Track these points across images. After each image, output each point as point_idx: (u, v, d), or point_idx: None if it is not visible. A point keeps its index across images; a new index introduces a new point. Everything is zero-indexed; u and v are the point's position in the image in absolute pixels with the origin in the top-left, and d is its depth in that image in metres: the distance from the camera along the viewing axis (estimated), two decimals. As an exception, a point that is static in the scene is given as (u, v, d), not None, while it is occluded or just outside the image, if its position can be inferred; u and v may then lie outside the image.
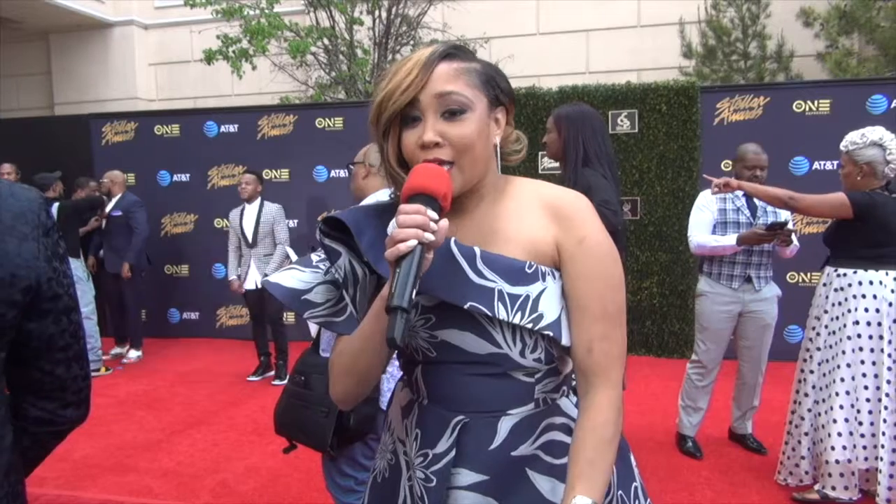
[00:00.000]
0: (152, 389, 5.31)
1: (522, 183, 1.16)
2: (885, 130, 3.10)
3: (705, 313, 3.65)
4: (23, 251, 0.99)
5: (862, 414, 2.94)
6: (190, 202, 7.02)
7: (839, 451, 2.97)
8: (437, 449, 1.10)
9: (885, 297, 2.96)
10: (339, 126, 6.61)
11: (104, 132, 7.18)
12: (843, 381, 2.99)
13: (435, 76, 1.04)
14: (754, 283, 3.57)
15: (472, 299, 1.05)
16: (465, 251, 1.08)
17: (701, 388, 3.72)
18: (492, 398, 1.10)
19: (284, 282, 1.15)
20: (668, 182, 5.81)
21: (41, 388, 1.06)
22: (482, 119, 1.06)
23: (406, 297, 0.89)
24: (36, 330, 1.02)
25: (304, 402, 2.14)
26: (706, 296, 3.65)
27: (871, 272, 3.00)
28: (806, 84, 6.19)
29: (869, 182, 3.10)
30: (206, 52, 7.75)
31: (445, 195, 0.97)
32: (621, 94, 5.87)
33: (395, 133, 1.08)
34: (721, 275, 3.60)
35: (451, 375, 1.11)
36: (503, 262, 1.07)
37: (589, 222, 1.09)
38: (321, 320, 1.15)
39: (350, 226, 1.10)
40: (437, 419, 1.11)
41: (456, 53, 1.08)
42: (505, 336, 1.08)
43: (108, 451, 3.99)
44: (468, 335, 1.09)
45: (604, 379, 1.06)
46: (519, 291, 1.06)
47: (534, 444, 1.11)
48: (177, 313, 7.18)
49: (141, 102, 10.33)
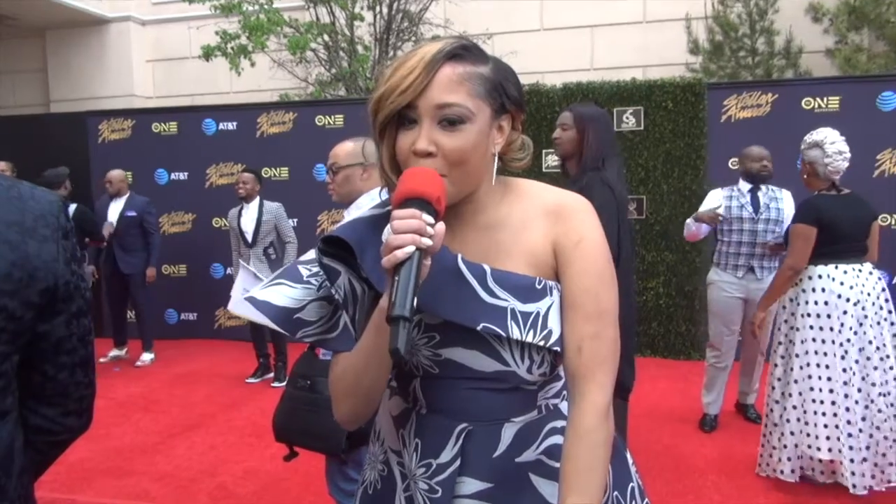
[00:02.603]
0: (149, 391, 5.31)
1: (523, 187, 1.14)
2: (832, 132, 3.29)
3: (714, 299, 4.17)
4: (43, 253, 0.99)
5: (816, 404, 3.17)
6: (188, 201, 7.02)
7: (790, 441, 3.26)
8: (441, 458, 1.09)
9: (832, 290, 3.18)
10: (340, 123, 6.61)
11: (101, 130, 7.18)
12: (793, 371, 3.25)
13: (437, 81, 1.00)
14: (756, 272, 4.04)
15: (484, 320, 1.04)
16: (474, 269, 1.06)
17: (719, 370, 4.16)
18: (496, 408, 1.10)
19: (273, 299, 1.12)
20: (675, 180, 5.80)
21: (42, 392, 1.06)
22: (482, 130, 1.02)
23: (407, 305, 0.88)
24: (45, 331, 1.02)
25: (312, 407, 2.13)
26: (715, 284, 4.16)
27: (820, 267, 3.24)
28: (815, 81, 6.18)
29: (813, 182, 3.33)
30: (205, 48, 7.75)
31: (440, 199, 0.95)
32: (627, 90, 5.86)
33: (393, 133, 1.04)
34: (727, 264, 4.11)
35: (454, 390, 1.10)
36: (514, 279, 1.06)
37: (587, 223, 1.09)
38: (314, 339, 1.13)
39: (353, 245, 1.07)
40: (440, 428, 1.10)
41: (463, 54, 1.02)
42: (513, 354, 1.07)
43: (104, 454, 3.99)
44: (475, 354, 1.07)
45: (591, 382, 1.04)
46: (530, 309, 1.05)
47: (537, 449, 1.11)
48: (174, 314, 7.18)
49: (138, 100, 10.32)
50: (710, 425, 4.17)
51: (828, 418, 3.13)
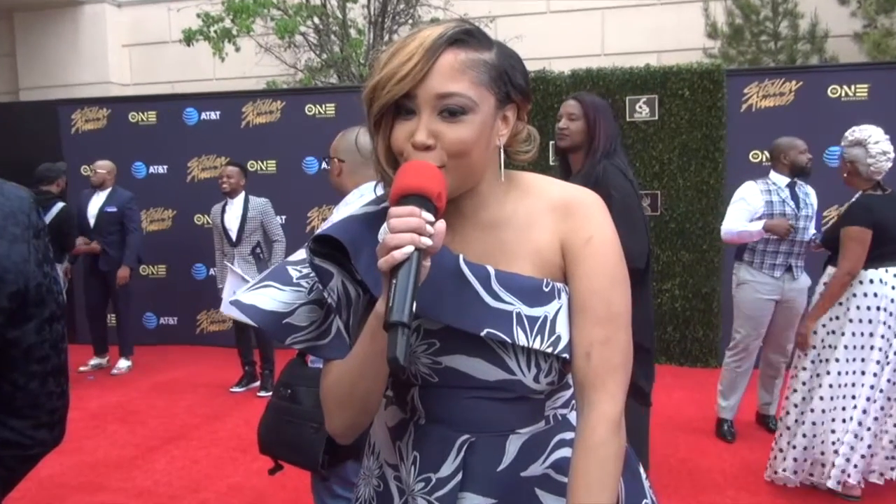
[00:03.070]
0: (126, 401, 5.31)
1: (528, 182, 1.14)
2: (876, 130, 3.32)
3: (748, 301, 4.08)
4: (13, 254, 0.99)
5: (847, 411, 3.23)
6: (167, 196, 7.02)
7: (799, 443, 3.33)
8: (441, 472, 1.09)
9: (885, 295, 3.23)
10: (331, 113, 6.61)
11: (74, 119, 7.18)
12: (828, 375, 3.29)
13: (437, 69, 0.99)
14: (794, 271, 4.04)
15: (488, 325, 1.04)
16: (477, 271, 1.06)
17: (739, 374, 4.15)
18: (500, 419, 1.10)
19: (261, 303, 1.11)
20: (691, 174, 5.80)
21: (11, 403, 1.05)
22: (485, 122, 1.02)
23: (406, 310, 0.88)
24: (15, 338, 1.01)
25: (291, 418, 2.14)
26: (748, 284, 4.08)
27: (870, 271, 3.26)
28: (842, 67, 6.19)
29: (854, 181, 3.38)
30: (186, 32, 7.75)
31: (440, 194, 0.95)
32: (640, 78, 5.86)
33: (389, 125, 1.04)
34: (764, 263, 4.04)
35: (455, 399, 1.10)
36: (520, 281, 1.06)
37: (597, 221, 1.09)
38: (305, 345, 1.13)
39: (347, 245, 1.06)
40: (440, 439, 1.10)
41: (466, 39, 1.02)
42: (519, 362, 1.07)
43: (77, 469, 3.99)
44: (477, 361, 1.07)
45: (601, 391, 1.04)
46: (537, 313, 1.05)
47: (544, 462, 1.11)
48: (153, 318, 7.18)
49: (114, 87, 10.32)
50: (729, 433, 4.18)
51: (850, 424, 3.22)
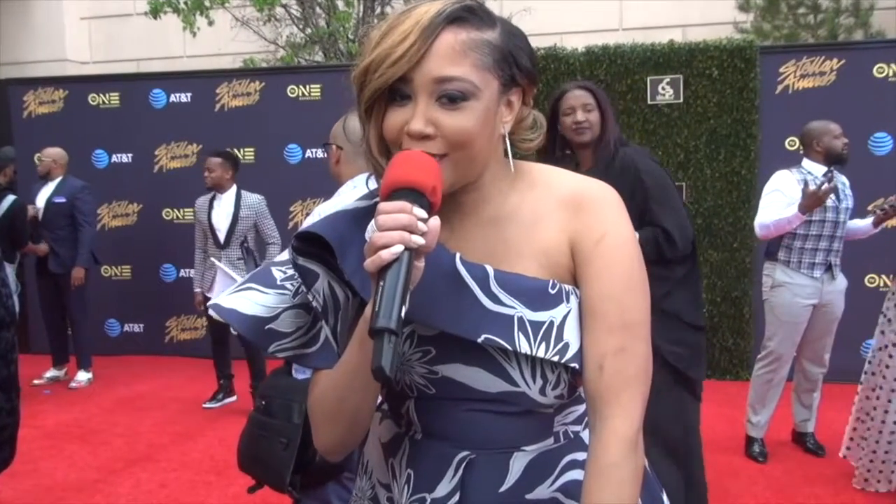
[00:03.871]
0: (86, 419, 5.32)
1: (536, 174, 1.14)
2: None
3: (784, 305, 4.05)
4: None
5: None
6: (132, 188, 7.03)
7: None
8: (436, 493, 1.09)
9: None
10: (317, 95, 6.63)
11: (26, 101, 7.19)
12: None
13: (435, 50, 0.99)
14: (833, 271, 4.04)
15: (486, 331, 1.04)
16: (474, 271, 1.07)
17: (772, 385, 4.14)
18: (503, 434, 1.10)
19: (242, 307, 1.12)
20: (721, 164, 5.81)
21: None
22: (488, 108, 1.02)
23: (394, 315, 0.88)
24: None
25: (263, 432, 2.16)
26: (785, 287, 4.04)
27: None
28: (889, 43, 6.19)
29: None
30: (152, 3, 7.76)
31: (434, 189, 0.95)
32: (663, 55, 5.87)
33: (381, 111, 1.04)
34: (802, 263, 4.02)
35: (453, 412, 1.11)
36: (522, 282, 1.07)
37: (612, 217, 1.09)
38: (290, 353, 1.13)
39: (332, 244, 1.08)
40: (436, 456, 1.11)
41: (467, 17, 1.02)
42: (522, 372, 1.07)
43: (32, 494, 4.00)
44: (477, 371, 1.08)
45: (614, 406, 1.04)
46: (541, 318, 1.05)
47: (552, 485, 1.11)
48: (117, 325, 7.20)
49: (71, 65, 10.33)
50: (761, 454, 4.20)
51: None
